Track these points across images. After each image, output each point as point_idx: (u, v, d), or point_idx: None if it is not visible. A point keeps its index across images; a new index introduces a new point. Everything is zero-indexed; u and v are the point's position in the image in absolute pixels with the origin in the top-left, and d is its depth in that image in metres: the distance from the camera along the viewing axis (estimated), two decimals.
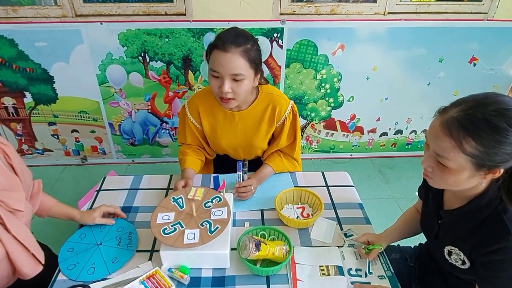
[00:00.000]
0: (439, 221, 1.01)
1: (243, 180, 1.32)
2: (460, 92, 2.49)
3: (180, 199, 1.18)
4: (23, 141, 2.53)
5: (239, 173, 1.29)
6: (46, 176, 2.54)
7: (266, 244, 1.05)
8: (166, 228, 1.07)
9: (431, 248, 1.13)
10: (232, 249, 1.12)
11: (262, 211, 1.30)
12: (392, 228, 1.22)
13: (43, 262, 1.00)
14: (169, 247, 1.03)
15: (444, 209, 1.00)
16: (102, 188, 1.43)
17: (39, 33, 2.08)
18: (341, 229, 1.23)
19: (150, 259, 1.12)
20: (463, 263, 0.93)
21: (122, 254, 1.12)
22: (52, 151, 2.59)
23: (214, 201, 1.17)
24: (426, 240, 1.26)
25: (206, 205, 1.16)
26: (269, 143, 1.49)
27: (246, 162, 1.31)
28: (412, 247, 1.33)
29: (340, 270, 1.07)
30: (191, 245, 1.01)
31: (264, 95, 1.35)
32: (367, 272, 1.07)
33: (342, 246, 1.16)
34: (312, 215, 1.27)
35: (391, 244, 1.20)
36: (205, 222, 1.09)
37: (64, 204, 1.22)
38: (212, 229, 1.06)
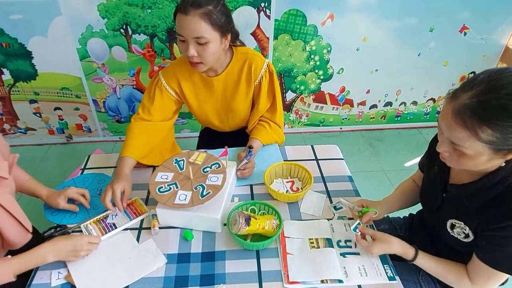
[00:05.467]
0: (443, 194, 1.00)
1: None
2: (450, 62, 2.47)
3: (182, 161, 1.21)
4: (4, 120, 2.45)
5: (245, 160, 1.28)
6: (30, 156, 2.49)
7: (256, 219, 1.04)
8: (162, 187, 1.11)
9: (429, 220, 1.12)
10: (223, 224, 1.12)
11: (251, 186, 1.29)
12: (390, 197, 1.21)
13: (30, 230, 1.02)
14: (164, 205, 1.07)
15: (451, 182, 0.98)
16: (87, 167, 1.39)
17: (14, 4, 1.97)
18: (331, 202, 1.23)
19: None
20: (466, 236, 0.93)
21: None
22: (36, 130, 2.52)
23: (213, 167, 1.18)
24: (417, 211, 1.28)
25: (204, 170, 1.17)
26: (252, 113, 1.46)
27: (252, 147, 1.32)
28: (402, 217, 1.34)
29: (329, 243, 1.07)
30: (180, 206, 1.04)
31: (239, 56, 1.32)
32: (353, 229, 1.06)
33: (331, 219, 1.16)
34: (301, 189, 1.26)
35: None
36: (199, 186, 1.10)
37: (36, 181, 1.18)
38: (204, 193, 1.07)
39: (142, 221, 1.16)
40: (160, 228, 1.13)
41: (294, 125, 2.70)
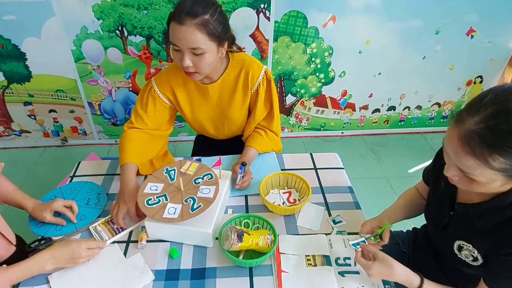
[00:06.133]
0: (451, 213, 0.92)
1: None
2: (456, 66, 2.40)
3: (173, 171, 1.15)
4: None
5: (239, 175, 1.21)
6: (25, 159, 2.46)
7: (249, 235, 0.99)
8: (150, 199, 1.05)
9: (435, 238, 1.05)
10: (215, 238, 1.07)
11: (246, 196, 1.23)
12: (393, 208, 1.13)
13: (14, 242, 1.00)
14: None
15: (459, 201, 0.91)
16: (76, 174, 1.34)
17: (6, 5, 1.93)
18: (329, 215, 1.17)
19: None
20: (475, 259, 0.86)
21: (90, 212, 1.15)
22: (30, 132, 2.48)
23: (205, 178, 1.13)
24: (422, 225, 1.21)
25: (196, 181, 1.11)
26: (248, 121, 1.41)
27: (246, 164, 1.24)
28: (405, 231, 1.27)
29: (327, 260, 1.01)
30: (169, 220, 0.99)
31: (235, 62, 1.27)
32: (353, 244, 0.98)
33: (330, 234, 1.10)
34: (299, 200, 1.20)
35: None
36: (190, 199, 1.05)
37: (22, 192, 1.13)
38: (195, 207, 1.02)
39: (130, 233, 1.11)
40: (149, 241, 1.07)
41: (294, 129, 2.63)
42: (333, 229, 1.12)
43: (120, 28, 2.05)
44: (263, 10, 2.06)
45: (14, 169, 2.34)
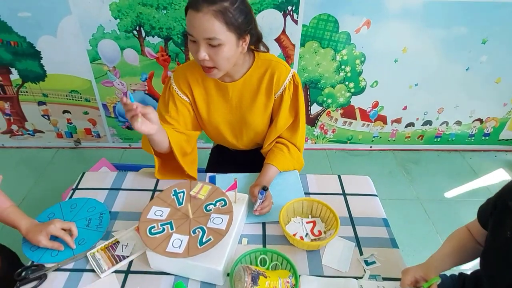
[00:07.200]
0: None
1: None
2: (504, 79, 2.17)
3: (182, 194, 1.02)
4: (12, 121, 2.35)
5: (259, 201, 1.06)
6: (37, 159, 2.40)
7: (265, 277, 0.84)
8: (154, 227, 0.92)
9: None
10: (226, 275, 0.92)
11: (263, 224, 1.08)
12: (441, 255, 0.93)
13: None
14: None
15: None
16: (79, 187, 1.22)
17: (22, 1, 1.85)
18: (361, 253, 1.00)
19: None
20: None
21: (90, 235, 1.03)
22: (43, 132, 2.41)
23: (218, 204, 0.98)
24: (472, 272, 1.01)
25: (207, 208, 0.97)
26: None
27: (267, 189, 1.08)
28: (449, 276, 1.07)
29: None
30: (173, 255, 0.86)
31: (261, 62, 1.15)
32: None
33: (361, 278, 0.93)
34: (324, 232, 1.04)
35: None
36: (199, 229, 0.91)
37: (17, 210, 1.02)
38: (204, 240, 0.88)
39: (131, 262, 0.96)
40: (151, 273, 0.94)
41: (318, 141, 2.46)
42: (365, 271, 0.95)
43: (137, 28, 1.94)
44: (291, 13, 1.90)
45: (26, 169, 2.28)
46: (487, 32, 2.00)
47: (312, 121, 2.36)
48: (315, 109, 2.30)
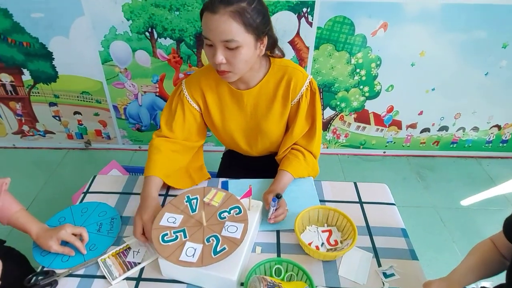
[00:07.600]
0: None
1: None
2: None
3: (195, 200, 0.99)
4: (23, 121, 2.35)
5: (272, 208, 1.03)
6: (48, 160, 2.39)
7: None
8: (167, 234, 0.90)
9: None
10: (240, 284, 0.89)
11: (278, 232, 1.04)
12: (464, 268, 0.89)
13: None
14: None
15: None
16: (90, 190, 1.20)
17: (35, 2, 1.85)
18: (379, 265, 0.95)
19: None
20: None
21: (101, 241, 1.01)
22: (54, 133, 2.41)
23: (232, 212, 0.95)
24: (495, 286, 0.96)
25: (221, 216, 0.94)
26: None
27: (280, 196, 1.05)
28: None
29: None
30: (186, 264, 0.83)
31: (277, 68, 1.11)
32: None
33: None
34: (341, 242, 1.00)
35: None
36: (213, 238, 0.89)
37: (27, 214, 1.00)
38: (218, 249, 0.85)
39: (142, 269, 0.94)
40: (162, 280, 0.91)
41: (330, 146, 2.41)
42: (383, 284, 0.90)
43: (150, 30, 1.92)
44: (305, 15, 1.87)
45: (36, 170, 2.28)
46: (507, 36, 1.93)
47: (324, 125, 2.31)
48: (328, 113, 2.26)
